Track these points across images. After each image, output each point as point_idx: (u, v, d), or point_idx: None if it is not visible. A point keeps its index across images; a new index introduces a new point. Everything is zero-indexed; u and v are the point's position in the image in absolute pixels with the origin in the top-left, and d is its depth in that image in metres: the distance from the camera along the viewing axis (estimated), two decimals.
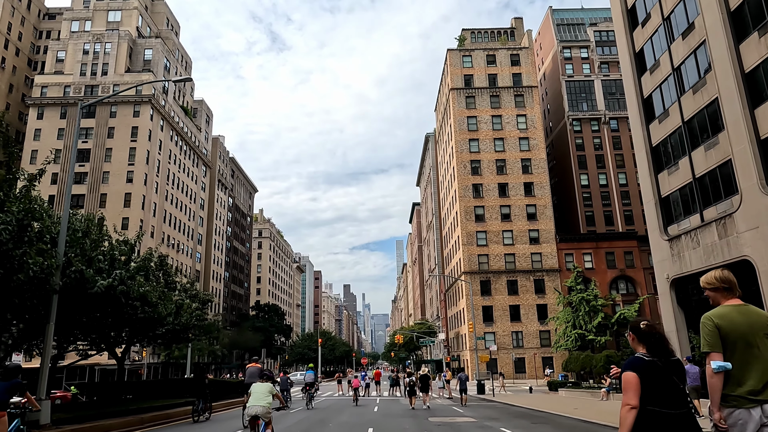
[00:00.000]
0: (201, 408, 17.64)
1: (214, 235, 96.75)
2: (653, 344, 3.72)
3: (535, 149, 71.18)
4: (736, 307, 3.99)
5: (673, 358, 3.72)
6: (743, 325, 3.87)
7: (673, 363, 3.70)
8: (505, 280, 66.80)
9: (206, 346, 75.50)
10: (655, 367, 3.62)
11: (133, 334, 19.46)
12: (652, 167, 27.82)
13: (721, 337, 3.86)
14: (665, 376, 3.59)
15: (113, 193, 70.12)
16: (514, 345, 64.69)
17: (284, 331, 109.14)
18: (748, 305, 4.01)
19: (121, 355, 22.17)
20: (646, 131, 28.31)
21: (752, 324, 3.89)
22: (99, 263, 13.44)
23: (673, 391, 3.57)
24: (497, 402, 27.47)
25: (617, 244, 68.03)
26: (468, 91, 74.00)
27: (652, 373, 3.60)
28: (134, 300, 15.27)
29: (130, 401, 21.25)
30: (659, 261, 27.24)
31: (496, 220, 68.88)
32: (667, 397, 3.55)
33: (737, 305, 4.02)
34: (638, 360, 3.68)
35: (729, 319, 3.90)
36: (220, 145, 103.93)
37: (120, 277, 13.93)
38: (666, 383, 3.58)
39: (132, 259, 16.40)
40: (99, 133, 72.73)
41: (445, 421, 16.70)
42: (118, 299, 14.33)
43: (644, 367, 3.62)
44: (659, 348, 3.70)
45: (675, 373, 3.65)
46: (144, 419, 15.64)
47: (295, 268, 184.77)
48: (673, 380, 3.60)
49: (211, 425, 16.15)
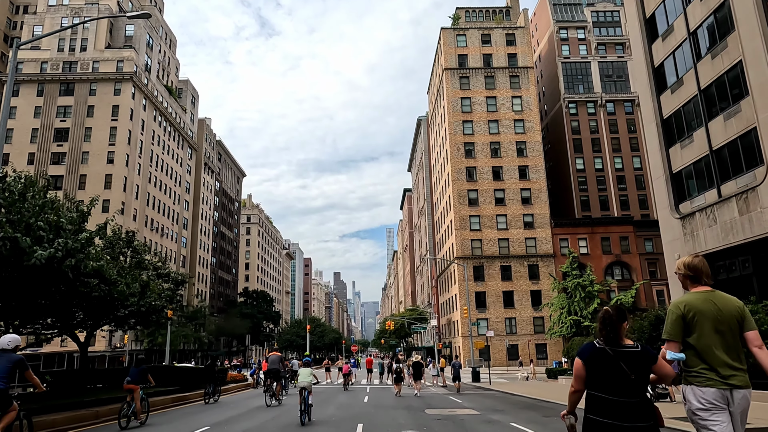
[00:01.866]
0: (211, 391, 20.19)
1: (200, 220, 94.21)
2: (606, 333, 3.77)
3: (530, 132, 69.30)
4: (702, 294, 4.03)
5: (628, 349, 3.71)
6: (710, 311, 3.91)
7: (627, 353, 3.69)
8: (499, 265, 65.22)
9: (191, 333, 73.41)
10: (604, 355, 3.69)
11: (88, 316, 17.24)
12: (663, 141, 25.98)
13: (686, 324, 3.92)
14: (612, 365, 3.64)
15: (93, 175, 67.33)
16: (508, 332, 63.28)
17: (273, 318, 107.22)
18: (716, 292, 4.03)
19: (84, 340, 20.00)
20: (656, 103, 26.43)
21: (720, 310, 3.91)
22: (40, 231, 11.29)
23: (619, 379, 3.61)
24: (495, 390, 25.77)
25: (613, 229, 66.60)
26: (462, 71, 71.77)
27: (599, 360, 3.70)
28: (87, 276, 13.19)
29: (96, 391, 19.24)
30: (669, 241, 25.51)
31: (490, 204, 67.11)
32: (611, 384, 3.63)
33: (704, 292, 4.05)
34: (587, 347, 3.82)
35: (696, 305, 3.94)
36: (206, 128, 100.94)
37: (65, 247, 11.79)
38: (613, 372, 3.63)
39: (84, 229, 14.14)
40: (78, 111, 69.70)
41: (444, 413, 14.83)
42: (65, 275, 12.21)
43: (591, 355, 3.75)
44: (610, 337, 3.74)
45: (626, 363, 3.64)
46: (100, 413, 13.61)
47: (285, 255, 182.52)
48: (621, 369, 3.61)
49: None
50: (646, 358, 3.71)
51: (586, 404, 3.76)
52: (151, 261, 21.76)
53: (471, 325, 38.55)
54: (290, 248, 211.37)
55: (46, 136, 68.77)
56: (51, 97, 70.18)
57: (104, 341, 63.12)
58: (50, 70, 71.16)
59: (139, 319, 19.24)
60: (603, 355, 3.70)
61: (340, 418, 13.68)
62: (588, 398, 3.78)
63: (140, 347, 67.08)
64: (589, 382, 3.76)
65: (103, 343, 63.16)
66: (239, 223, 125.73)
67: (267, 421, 13.72)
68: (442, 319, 79.53)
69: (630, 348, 3.73)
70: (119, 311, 16.96)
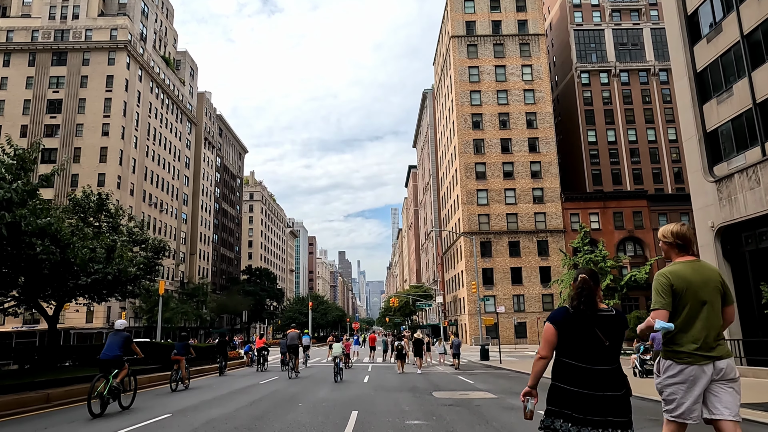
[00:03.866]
0: (224, 365, 23.06)
1: (201, 196, 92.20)
2: (582, 298, 3.55)
3: (540, 102, 66.36)
4: (689, 264, 3.95)
5: (603, 312, 3.52)
6: (697, 282, 3.84)
7: (603, 318, 3.49)
8: (507, 241, 63.00)
9: (192, 310, 71.95)
10: (578, 319, 3.50)
11: (35, 284, 14.93)
12: (696, 97, 23.43)
13: (675, 293, 3.84)
14: (586, 330, 3.45)
15: (88, 147, 65.15)
16: (516, 309, 61.34)
17: (276, 296, 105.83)
18: (701, 261, 3.98)
19: (53, 314, 17.97)
20: (689, 54, 23.81)
21: (705, 280, 3.86)
22: None
23: (592, 345, 3.43)
24: (507, 369, 23.79)
25: (626, 204, 64.09)
26: (470, 38, 68.58)
27: (573, 325, 3.51)
28: (32, 236, 11.07)
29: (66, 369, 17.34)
30: (701, 207, 23.15)
31: (498, 177, 64.60)
32: (583, 351, 3.44)
33: (691, 261, 3.97)
34: (559, 311, 3.64)
35: (683, 276, 3.87)
36: (206, 101, 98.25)
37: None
38: (586, 337, 3.45)
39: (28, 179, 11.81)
40: (71, 82, 67.21)
41: (455, 397, 12.73)
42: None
43: (563, 320, 3.55)
44: (586, 302, 3.52)
45: (601, 328, 3.45)
46: (51, 396, 11.61)
47: (289, 233, 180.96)
48: (595, 335, 3.43)
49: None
50: (621, 323, 3.53)
51: (553, 372, 3.55)
52: (126, 226, 19.58)
53: (479, 301, 36.48)
54: (294, 227, 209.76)
55: (39, 108, 66.46)
56: (43, 67, 67.67)
57: (102, 318, 61.70)
58: (42, 39, 68.50)
59: (107, 289, 17.06)
60: (577, 320, 3.51)
61: (332, 403, 11.62)
62: (556, 365, 3.56)
63: (139, 324, 65.71)
64: (559, 348, 3.56)
65: (101, 319, 61.75)
66: (241, 200, 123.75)
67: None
68: (447, 296, 77.72)
69: (605, 312, 3.55)
70: (80, 279, 14.85)
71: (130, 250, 17.28)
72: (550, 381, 3.53)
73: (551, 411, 3.49)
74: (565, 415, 3.39)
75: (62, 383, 12.88)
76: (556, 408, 3.45)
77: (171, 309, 63.67)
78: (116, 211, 19.20)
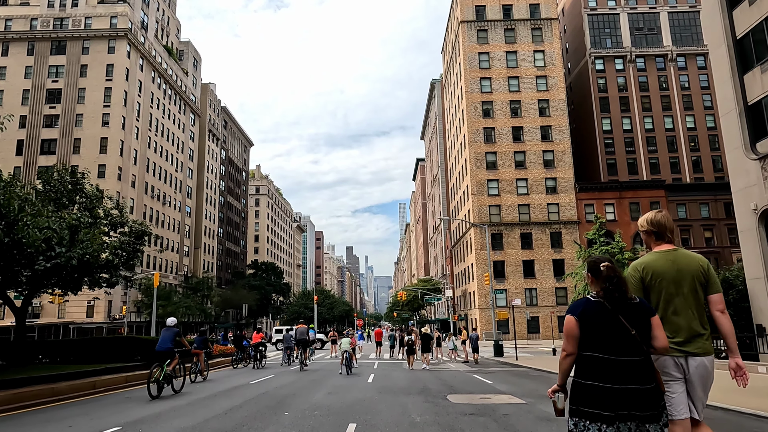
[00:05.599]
0: (240, 358, 24.12)
1: (205, 189, 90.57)
2: (610, 288, 3.32)
3: (553, 89, 63.92)
4: (664, 254, 3.78)
5: (632, 301, 3.32)
6: (670, 272, 3.69)
7: (628, 306, 3.29)
8: (519, 233, 60.78)
9: (195, 305, 70.40)
10: (602, 309, 3.29)
11: None
12: (736, 66, 21.18)
13: (645, 286, 3.74)
14: (611, 319, 3.24)
15: (88, 138, 63.58)
16: (528, 303, 59.16)
17: (282, 291, 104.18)
18: (679, 250, 3.79)
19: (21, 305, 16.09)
20: (728, 20, 21.54)
21: (681, 270, 3.69)
22: None
23: (618, 335, 3.21)
24: (526, 367, 21.74)
25: (642, 194, 61.64)
26: (480, 24, 66.19)
27: (596, 316, 3.29)
28: None
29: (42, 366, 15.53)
30: (742, 189, 20.92)
31: (510, 167, 62.31)
32: (609, 341, 3.22)
33: (666, 251, 3.80)
34: (582, 302, 3.38)
35: (655, 266, 3.73)
36: (210, 93, 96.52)
37: None
38: (611, 327, 3.23)
39: None
40: (70, 71, 65.62)
41: (475, 402, 10.70)
42: None
43: (587, 310, 3.32)
44: (615, 293, 3.30)
45: (626, 316, 3.25)
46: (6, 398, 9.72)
47: (296, 228, 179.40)
48: (620, 324, 3.22)
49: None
50: (646, 311, 3.32)
51: (575, 368, 3.35)
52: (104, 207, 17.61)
53: (492, 294, 34.41)
54: (301, 221, 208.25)
55: (38, 98, 64.96)
56: (42, 56, 66.13)
57: (103, 312, 60.25)
58: (40, 28, 66.93)
59: (69, 277, 14.94)
60: (600, 309, 3.28)
61: (325, 411, 9.61)
62: (579, 361, 3.32)
63: (141, 319, 64.23)
64: (582, 341, 3.29)
65: (102, 314, 60.30)
66: (247, 194, 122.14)
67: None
68: (456, 290, 75.65)
69: (634, 302, 3.33)
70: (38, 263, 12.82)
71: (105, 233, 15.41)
72: None
73: (576, 411, 3.25)
74: (592, 415, 3.14)
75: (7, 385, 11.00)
76: (582, 407, 3.22)
77: (174, 303, 62.12)
78: (93, 192, 17.26)
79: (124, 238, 17.25)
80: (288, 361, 24.54)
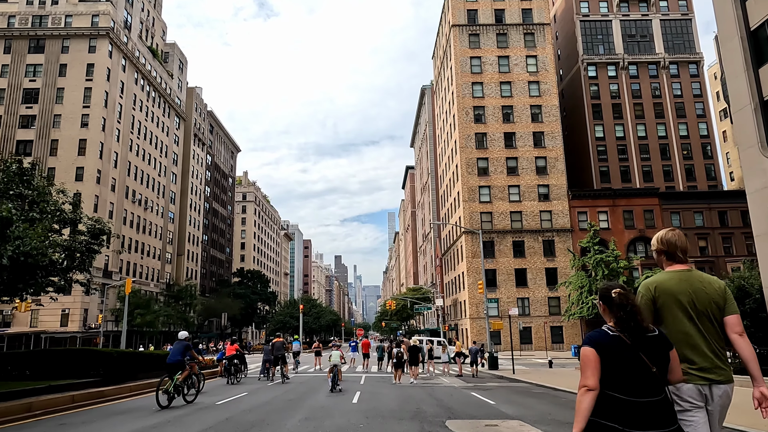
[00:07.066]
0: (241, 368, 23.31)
1: (189, 194, 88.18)
2: (623, 317, 3.07)
3: (546, 95, 62.83)
4: (678, 273, 3.55)
5: (649, 334, 3.07)
6: (684, 294, 3.45)
7: (647, 340, 3.04)
8: (511, 240, 59.27)
9: (177, 313, 67.90)
10: (621, 344, 3.03)
11: None
12: (750, 59, 19.81)
13: (657, 307, 3.51)
14: (631, 356, 2.98)
15: (66, 139, 61.22)
16: (520, 313, 57.43)
17: (268, 299, 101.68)
18: (694, 271, 3.59)
19: None
20: (740, 9, 20.21)
21: (696, 292, 3.44)
22: None
23: (639, 374, 2.96)
24: (526, 382, 19.98)
25: (636, 202, 60.54)
26: (472, 28, 65.07)
27: (615, 351, 3.01)
28: None
29: None
30: (758, 190, 19.47)
31: (502, 173, 60.92)
32: (630, 381, 2.96)
33: (680, 271, 3.58)
34: (600, 334, 3.11)
35: (668, 286, 3.50)
36: (196, 97, 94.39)
37: None
38: (632, 365, 2.97)
39: None
40: (49, 70, 63.35)
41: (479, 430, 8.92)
42: None
43: (606, 344, 3.04)
44: (630, 322, 3.05)
45: (647, 353, 3.00)
46: None
47: (283, 236, 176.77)
48: (641, 361, 2.97)
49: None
50: (666, 345, 3.09)
51: (597, 406, 2.98)
52: (55, 203, 15.53)
53: (486, 303, 32.70)
54: (289, 230, 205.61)
55: (14, 97, 62.55)
56: (19, 55, 63.81)
57: (78, 321, 57.58)
58: (18, 25, 64.65)
59: (8, 279, 12.81)
60: (618, 344, 3.01)
61: None
62: (601, 399, 2.99)
63: (119, 328, 61.55)
64: (603, 379, 3.00)
65: (77, 323, 57.61)
66: (233, 200, 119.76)
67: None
68: (447, 300, 73.89)
69: (651, 333, 3.08)
70: None
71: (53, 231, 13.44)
72: None
73: None
74: None
75: None
76: None
77: (153, 312, 59.66)
78: (40, 184, 15.19)
79: (78, 237, 15.30)
80: (267, 374, 22.57)
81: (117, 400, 14.01)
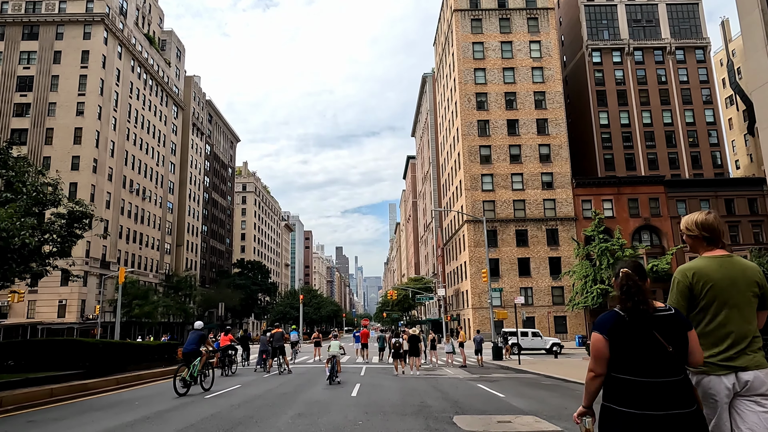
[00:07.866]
0: (246, 356, 25.60)
1: (188, 184, 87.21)
2: (626, 295, 2.97)
3: (549, 81, 61.59)
4: (717, 259, 3.35)
5: (661, 313, 2.93)
6: (723, 281, 3.27)
7: (659, 319, 2.90)
8: (514, 229, 58.33)
9: (176, 304, 67.20)
10: (632, 324, 2.90)
11: None
12: None
13: (694, 295, 3.33)
14: (644, 336, 2.85)
15: (61, 128, 60.18)
16: (523, 302, 56.53)
17: (269, 290, 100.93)
18: (733, 257, 3.38)
19: None
20: None
21: (734, 279, 3.27)
22: None
23: (652, 353, 2.83)
24: (532, 373, 19.13)
25: (641, 190, 59.47)
26: (474, 12, 63.70)
27: (626, 332, 2.89)
28: None
29: None
30: None
31: (504, 161, 59.85)
32: (642, 361, 2.83)
33: (719, 257, 3.37)
34: (608, 317, 2.98)
35: (706, 273, 3.31)
36: (194, 85, 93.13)
37: None
38: (645, 345, 2.84)
39: None
40: (43, 57, 62.16)
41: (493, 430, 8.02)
42: None
43: (616, 327, 2.93)
44: (628, 302, 2.95)
45: (661, 331, 2.86)
46: None
47: (284, 227, 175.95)
48: (655, 340, 2.84)
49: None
50: (682, 323, 2.93)
51: (604, 391, 2.98)
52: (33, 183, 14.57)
53: (491, 292, 31.84)
54: (290, 221, 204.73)
55: (8, 85, 61.44)
56: (13, 42, 62.59)
57: (75, 312, 56.87)
58: (12, 11, 63.38)
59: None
60: (631, 325, 2.89)
61: None
62: (609, 384, 2.95)
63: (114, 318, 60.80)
64: (612, 362, 2.93)
65: (74, 314, 56.91)
66: (233, 191, 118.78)
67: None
68: (448, 290, 73.11)
69: (662, 311, 2.95)
70: None
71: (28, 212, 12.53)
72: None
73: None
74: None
75: None
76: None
77: (152, 302, 58.93)
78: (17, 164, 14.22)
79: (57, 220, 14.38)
80: (263, 366, 21.75)
81: (100, 393, 13.14)
